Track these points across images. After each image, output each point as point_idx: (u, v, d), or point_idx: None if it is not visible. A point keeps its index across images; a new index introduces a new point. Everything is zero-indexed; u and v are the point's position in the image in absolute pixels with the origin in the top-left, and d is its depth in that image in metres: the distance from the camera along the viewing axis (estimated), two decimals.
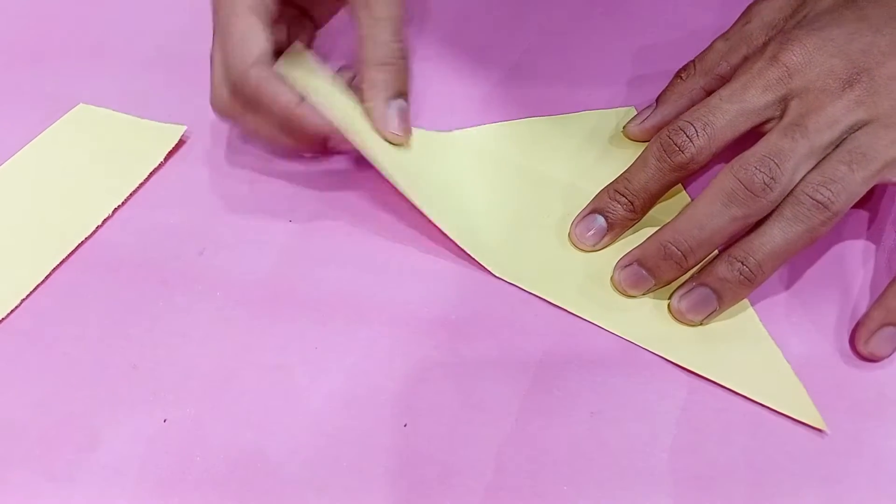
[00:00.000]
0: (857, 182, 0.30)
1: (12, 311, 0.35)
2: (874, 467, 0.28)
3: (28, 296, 0.35)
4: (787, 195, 0.31)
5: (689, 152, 0.32)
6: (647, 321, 0.33)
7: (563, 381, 0.31)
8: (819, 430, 0.29)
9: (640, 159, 0.34)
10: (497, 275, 0.34)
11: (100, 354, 0.33)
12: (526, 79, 0.44)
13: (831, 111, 0.31)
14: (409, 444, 0.30)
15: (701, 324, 0.32)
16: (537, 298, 0.34)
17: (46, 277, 0.36)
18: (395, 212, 0.38)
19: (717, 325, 0.32)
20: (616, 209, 0.34)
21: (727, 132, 0.33)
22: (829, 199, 0.30)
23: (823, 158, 0.31)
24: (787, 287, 0.34)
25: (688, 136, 0.33)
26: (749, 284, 0.31)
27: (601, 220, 0.35)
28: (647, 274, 0.33)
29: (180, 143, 0.42)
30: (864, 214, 0.36)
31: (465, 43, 0.46)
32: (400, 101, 0.36)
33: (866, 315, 0.31)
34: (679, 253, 0.32)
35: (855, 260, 0.34)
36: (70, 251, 0.37)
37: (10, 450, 0.30)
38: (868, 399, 0.30)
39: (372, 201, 0.38)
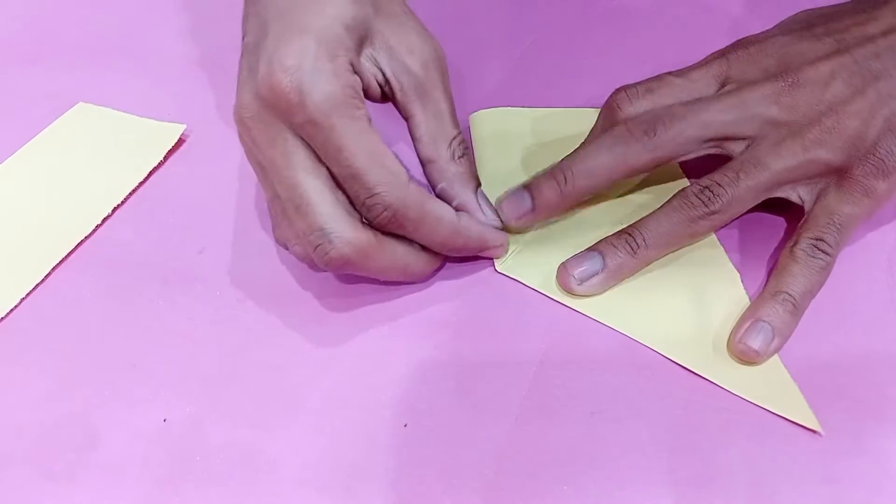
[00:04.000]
0: (741, 188, 0.32)
1: (12, 311, 0.35)
2: (874, 467, 0.28)
3: (28, 295, 0.35)
4: (680, 190, 0.33)
5: (628, 111, 0.34)
6: (646, 319, 0.33)
7: (563, 381, 0.31)
8: (814, 431, 0.29)
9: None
10: (498, 269, 0.35)
11: (100, 354, 0.33)
12: (526, 79, 0.44)
13: (745, 96, 0.33)
14: (409, 444, 0.30)
15: (580, 284, 0.33)
16: (537, 299, 0.34)
17: (46, 276, 0.36)
18: None
19: (716, 326, 0.32)
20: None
21: (668, 97, 0.35)
22: (708, 198, 0.32)
23: (718, 140, 0.33)
24: None
25: (628, 97, 0.35)
26: (632, 253, 0.33)
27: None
28: (527, 196, 0.34)
29: (180, 141, 0.42)
30: None
31: (465, 43, 0.46)
32: (482, 192, 0.35)
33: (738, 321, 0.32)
34: (561, 175, 0.34)
35: (855, 260, 0.34)
36: (70, 250, 0.37)
37: (10, 450, 0.30)
38: (868, 399, 0.30)
39: None
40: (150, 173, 0.40)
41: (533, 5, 0.48)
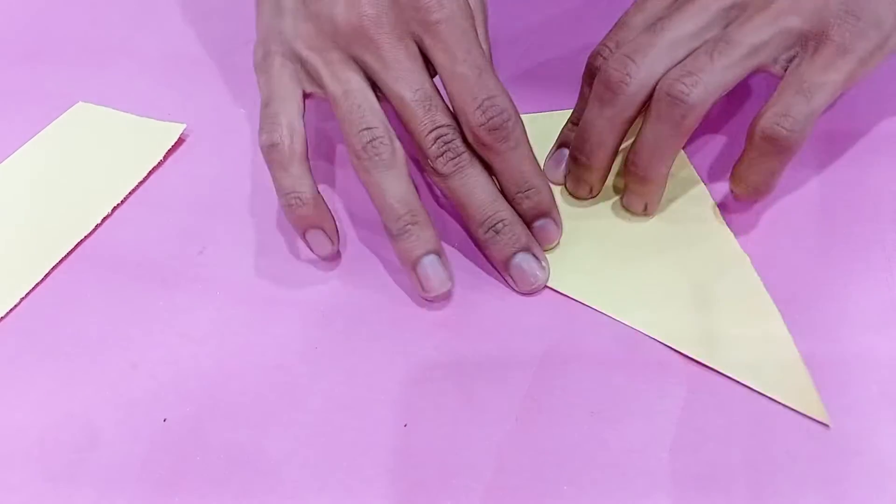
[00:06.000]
0: (717, 70, 0.31)
1: (12, 311, 0.35)
2: (875, 467, 0.28)
3: (28, 295, 0.35)
4: (654, 95, 0.32)
5: (623, 77, 0.32)
6: (653, 309, 0.32)
7: (563, 381, 0.31)
8: (823, 425, 0.29)
9: None
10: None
11: (100, 354, 0.33)
12: (526, 78, 0.44)
13: (705, 1, 0.32)
14: (409, 444, 0.30)
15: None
16: (537, 298, 0.34)
17: (46, 277, 0.36)
18: None
19: (725, 314, 0.32)
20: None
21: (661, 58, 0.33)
22: (682, 91, 0.31)
23: (691, 52, 0.32)
24: (787, 286, 0.34)
25: (613, 67, 0.33)
26: (642, 181, 0.33)
27: (566, 152, 0.37)
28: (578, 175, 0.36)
29: (180, 141, 0.42)
30: (863, 213, 0.36)
31: None
32: None
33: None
34: (583, 158, 0.34)
35: (854, 259, 0.34)
36: (69, 250, 0.37)
37: (10, 450, 0.30)
38: (868, 399, 0.30)
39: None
40: (150, 173, 0.40)
41: (533, 5, 0.48)
